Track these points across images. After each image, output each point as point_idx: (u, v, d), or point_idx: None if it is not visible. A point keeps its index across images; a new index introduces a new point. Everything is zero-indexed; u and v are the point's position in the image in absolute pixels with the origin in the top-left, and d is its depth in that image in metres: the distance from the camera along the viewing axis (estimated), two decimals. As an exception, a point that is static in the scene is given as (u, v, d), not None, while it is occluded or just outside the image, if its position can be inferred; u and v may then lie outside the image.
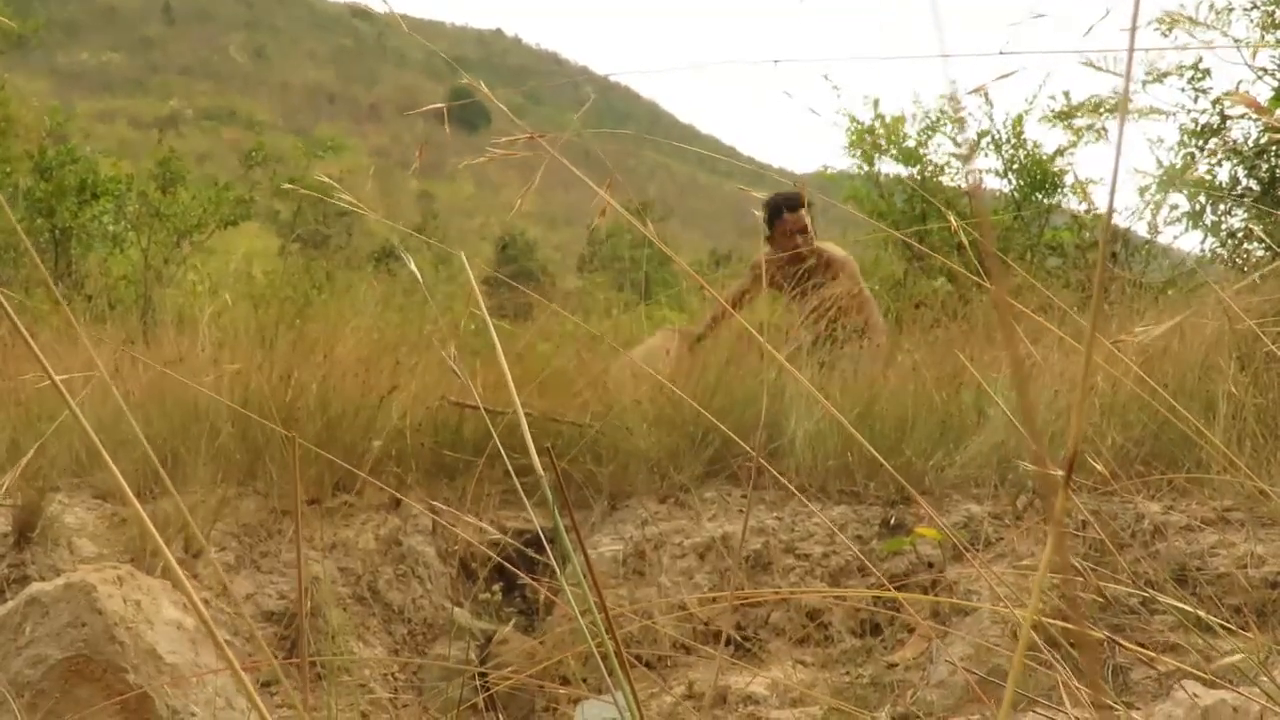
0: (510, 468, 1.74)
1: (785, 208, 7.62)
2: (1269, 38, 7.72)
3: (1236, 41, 7.88)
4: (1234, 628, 3.27)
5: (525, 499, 1.52)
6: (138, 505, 1.02)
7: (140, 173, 12.05)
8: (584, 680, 3.91)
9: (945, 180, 11.76)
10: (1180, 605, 2.42)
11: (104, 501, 4.57)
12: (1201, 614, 2.39)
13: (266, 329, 5.56)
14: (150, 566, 4.02)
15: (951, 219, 1.87)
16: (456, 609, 4.45)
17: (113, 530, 4.37)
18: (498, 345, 1.44)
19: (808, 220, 7.68)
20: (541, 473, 1.25)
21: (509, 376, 1.44)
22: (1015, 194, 11.27)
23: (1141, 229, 9.68)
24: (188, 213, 11.82)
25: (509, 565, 4.19)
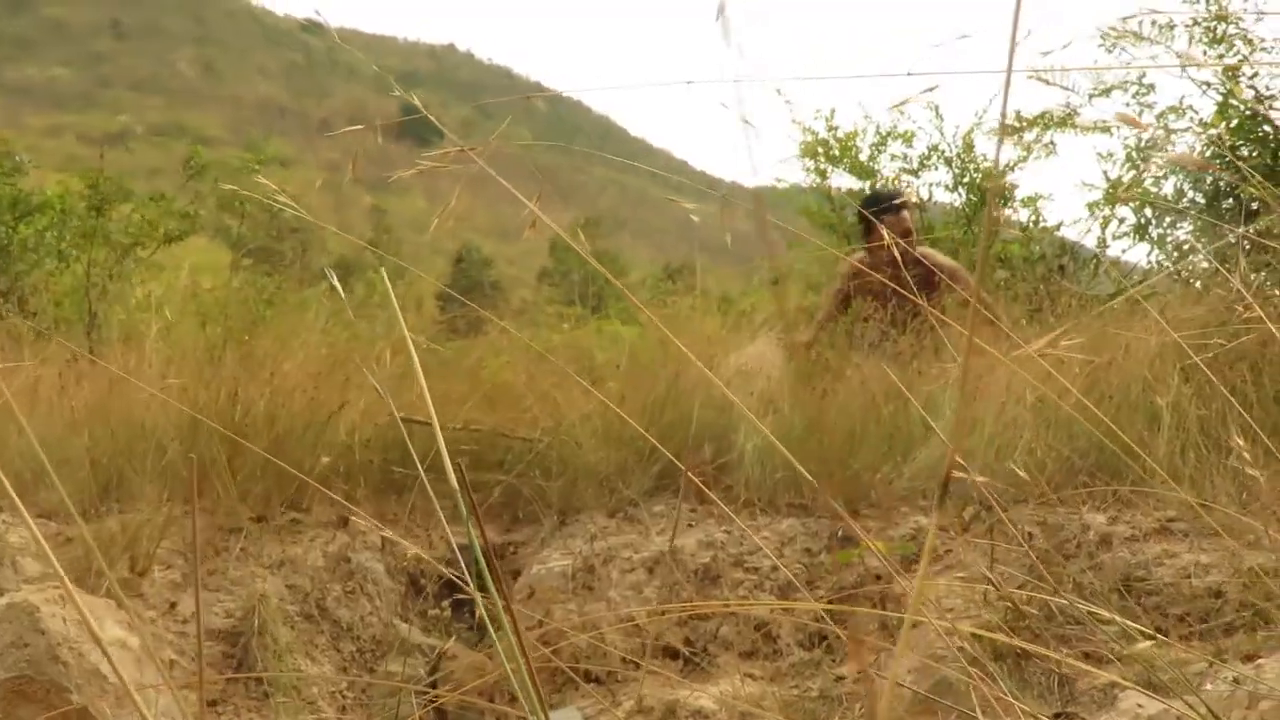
0: (426, 484, 1.73)
1: (887, 208, 7.23)
2: (1211, 53, 7.79)
3: (1180, 56, 7.96)
4: (1165, 639, 3.29)
5: (442, 516, 1.51)
6: (82, 524, 1.02)
7: (71, 192, 11.91)
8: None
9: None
10: (1115, 617, 2.43)
11: (49, 520, 4.52)
12: (1132, 624, 2.41)
13: (214, 345, 5.53)
14: (95, 586, 3.99)
15: (885, 234, 1.88)
16: (405, 625, 4.44)
17: (58, 549, 4.33)
18: (417, 365, 1.44)
19: (910, 222, 7.30)
20: (463, 488, 1.24)
21: (427, 395, 1.44)
22: (965, 208, 11.32)
23: (1090, 242, 9.74)
24: (126, 229, 11.71)
25: (458, 581, 4.18)
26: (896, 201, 7.30)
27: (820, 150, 11.88)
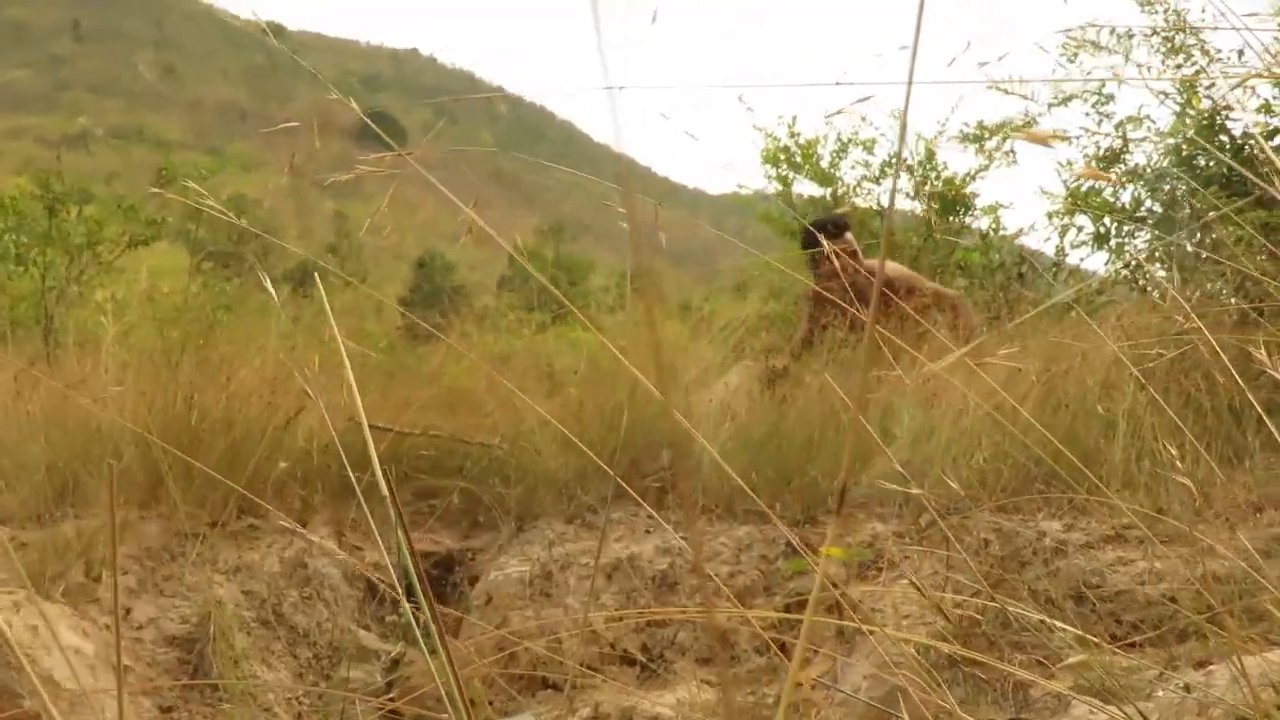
0: (358, 491, 1.73)
1: (825, 233, 7.11)
2: (1169, 63, 7.85)
3: (1139, 66, 8.01)
4: (1109, 647, 3.31)
5: (372, 522, 1.51)
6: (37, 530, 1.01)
7: (24, 194, 11.79)
8: (490, 703, 3.90)
9: (859, 201, 11.84)
10: (1055, 623, 2.45)
11: (3, 525, 4.49)
12: (1072, 629, 2.43)
13: (172, 350, 5.50)
14: (50, 591, 3.96)
15: (824, 243, 1.89)
16: (362, 631, 4.43)
17: (11, 555, 4.30)
18: (349, 373, 1.43)
19: (855, 243, 7.26)
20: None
21: (358, 401, 1.43)
22: (927, 216, 11.38)
23: (1050, 250, 9.80)
24: (89, 234, 11.62)
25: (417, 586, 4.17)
26: (838, 224, 7.30)
27: (782, 157, 11.92)
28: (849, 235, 7.29)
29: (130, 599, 4.20)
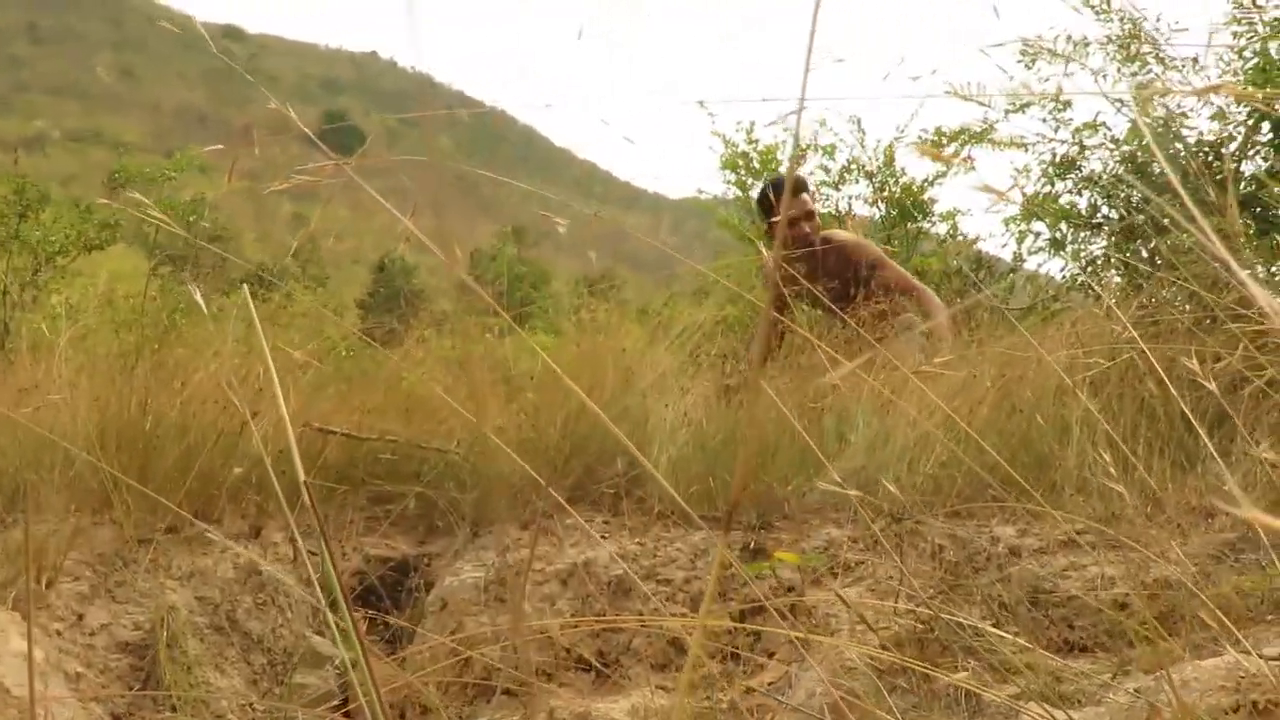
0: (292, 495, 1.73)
1: (779, 194, 6.97)
2: (1125, 70, 7.90)
3: (1094, 73, 8.07)
4: (1047, 654, 3.33)
5: (287, 521, 1.51)
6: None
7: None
8: (445, 709, 3.89)
9: (818, 206, 11.88)
10: (998, 631, 2.46)
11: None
12: (1034, 638, 2.44)
13: (128, 354, 5.47)
14: (2, 597, 3.93)
15: (762, 250, 1.89)
16: (315, 637, 4.40)
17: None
18: (276, 384, 1.43)
19: (811, 204, 6.99)
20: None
21: (286, 415, 1.43)
22: (885, 221, 11.43)
23: (1008, 255, 9.86)
24: (48, 238, 11.56)
25: (371, 593, 4.16)
26: (794, 185, 7.07)
27: (741, 163, 11.96)
28: (805, 196, 7.14)
29: (82, 605, 4.17)
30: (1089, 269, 8.51)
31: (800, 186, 7.10)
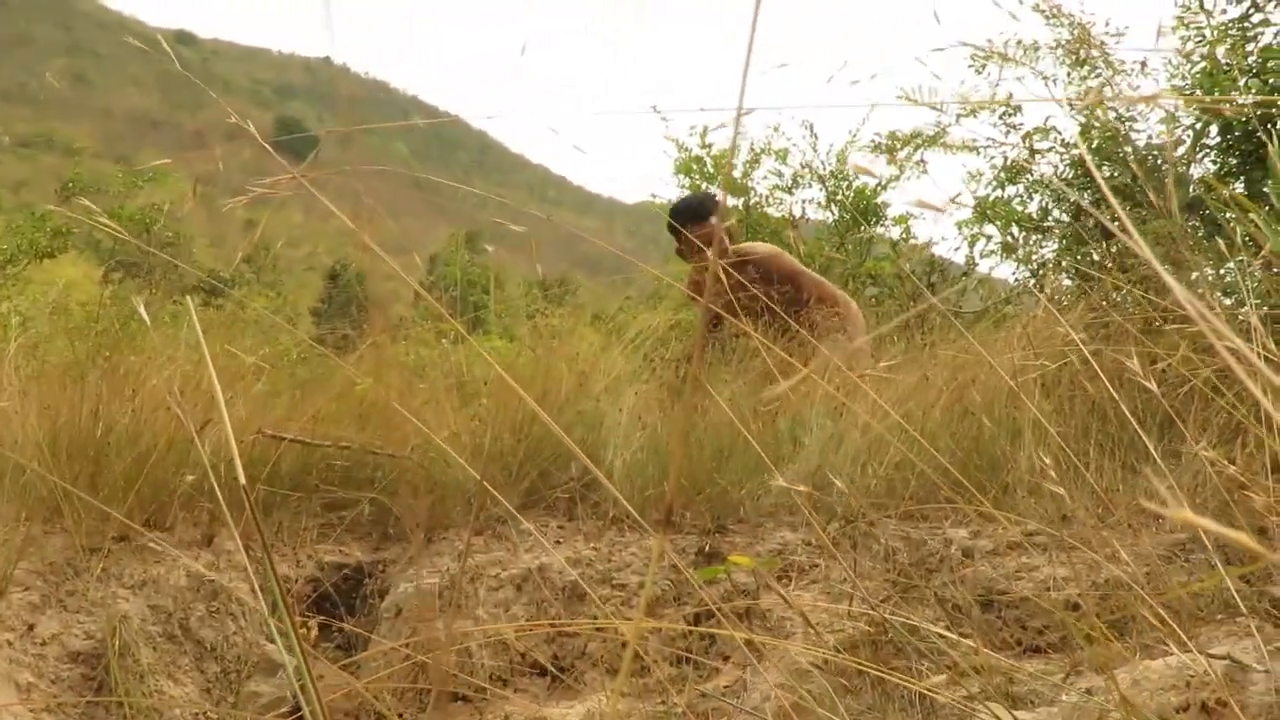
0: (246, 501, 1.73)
1: (689, 220, 6.89)
2: (1075, 74, 7.96)
3: (1044, 77, 8.13)
4: (996, 655, 3.36)
5: (242, 527, 1.51)
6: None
7: None
8: (400, 715, 3.88)
9: (771, 211, 11.93)
10: (946, 633, 2.48)
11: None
12: (961, 638, 2.46)
13: (80, 362, 5.43)
14: (-50, 608, 3.90)
15: (715, 260, 1.90)
16: (269, 645, 4.38)
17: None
18: (217, 389, 1.43)
19: (721, 232, 6.93)
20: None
21: (225, 416, 1.43)
22: (838, 225, 11.48)
23: (960, 259, 9.92)
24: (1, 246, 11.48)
25: (326, 600, 4.15)
26: (702, 209, 6.90)
27: (695, 167, 11.99)
28: (713, 220, 6.94)
29: (33, 615, 4.14)
30: (1040, 272, 8.57)
31: (705, 212, 6.96)
